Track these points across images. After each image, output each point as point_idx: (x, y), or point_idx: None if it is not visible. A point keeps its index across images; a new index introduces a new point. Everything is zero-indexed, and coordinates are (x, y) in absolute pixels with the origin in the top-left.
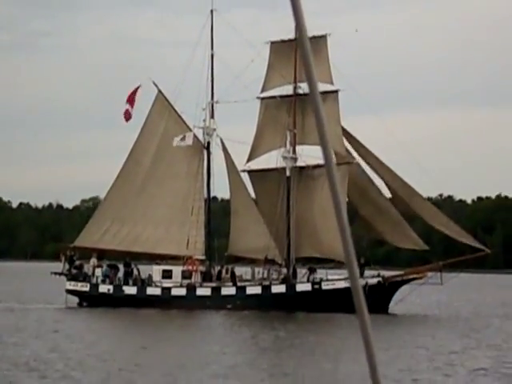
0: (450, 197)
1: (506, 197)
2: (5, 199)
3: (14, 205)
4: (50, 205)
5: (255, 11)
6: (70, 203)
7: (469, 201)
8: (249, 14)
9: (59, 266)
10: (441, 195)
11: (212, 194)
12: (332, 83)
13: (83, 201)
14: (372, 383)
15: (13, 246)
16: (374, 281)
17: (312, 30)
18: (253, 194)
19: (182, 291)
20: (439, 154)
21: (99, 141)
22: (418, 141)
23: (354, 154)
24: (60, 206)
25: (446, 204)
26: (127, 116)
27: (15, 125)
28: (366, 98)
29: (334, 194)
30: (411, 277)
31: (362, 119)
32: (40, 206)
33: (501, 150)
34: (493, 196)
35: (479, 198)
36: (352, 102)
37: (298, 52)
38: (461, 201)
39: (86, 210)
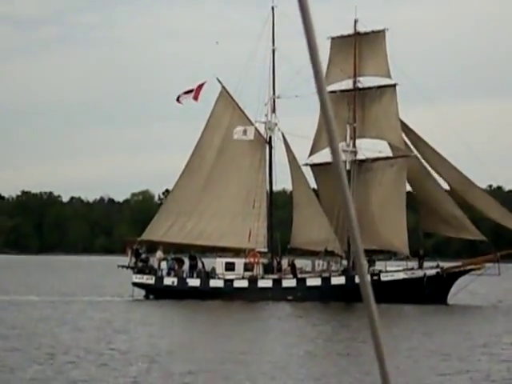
0: (499, 187)
1: None
2: (56, 194)
3: (65, 199)
4: (101, 199)
5: (317, 5)
6: (120, 197)
7: None
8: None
9: (110, 259)
10: (490, 186)
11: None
12: (390, 77)
13: (133, 194)
14: (380, 375)
15: (63, 240)
16: (433, 272)
17: (371, 24)
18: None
19: (244, 283)
20: (488, 144)
21: (150, 134)
22: (468, 131)
23: (413, 147)
24: (111, 200)
25: (496, 195)
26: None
27: (66, 119)
28: (423, 89)
29: (341, 188)
30: (469, 268)
31: (417, 111)
32: (91, 200)
33: None
34: None
35: None
36: (410, 95)
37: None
38: (510, 191)
39: (136, 204)
